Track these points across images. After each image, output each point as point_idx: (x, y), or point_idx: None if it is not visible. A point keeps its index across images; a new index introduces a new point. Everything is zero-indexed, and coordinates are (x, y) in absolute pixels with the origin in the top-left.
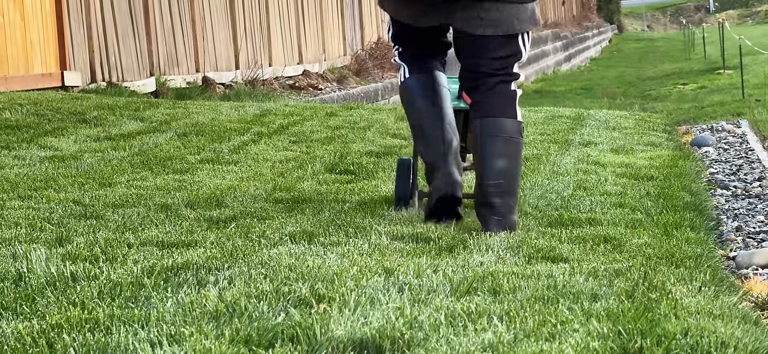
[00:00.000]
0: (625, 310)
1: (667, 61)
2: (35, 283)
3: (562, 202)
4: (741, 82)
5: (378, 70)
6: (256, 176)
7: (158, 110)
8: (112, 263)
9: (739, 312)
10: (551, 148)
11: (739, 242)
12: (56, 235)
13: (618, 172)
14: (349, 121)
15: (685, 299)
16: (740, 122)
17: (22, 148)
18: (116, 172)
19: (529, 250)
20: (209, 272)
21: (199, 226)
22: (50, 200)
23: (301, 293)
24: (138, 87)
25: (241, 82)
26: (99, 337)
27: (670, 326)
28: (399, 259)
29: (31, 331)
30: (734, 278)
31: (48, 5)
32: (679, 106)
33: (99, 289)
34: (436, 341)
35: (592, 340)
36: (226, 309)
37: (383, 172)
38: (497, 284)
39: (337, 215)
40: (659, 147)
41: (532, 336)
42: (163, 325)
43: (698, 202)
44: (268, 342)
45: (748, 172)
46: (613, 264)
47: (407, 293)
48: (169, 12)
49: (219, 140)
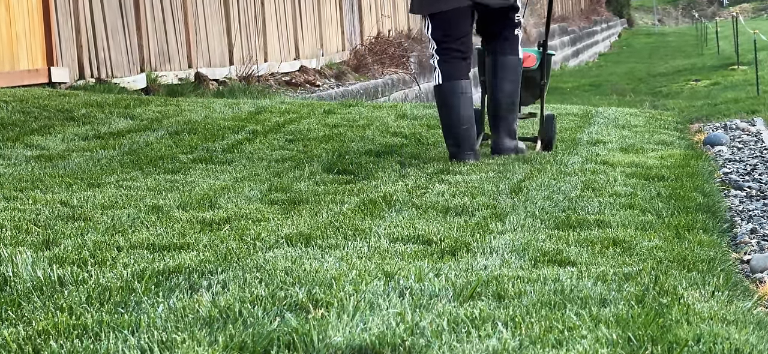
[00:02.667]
0: (635, 316)
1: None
2: (21, 288)
3: (569, 203)
4: (756, 79)
5: (378, 66)
6: (251, 176)
7: (149, 107)
8: (101, 267)
9: (753, 318)
10: (558, 147)
11: (753, 245)
12: (43, 237)
13: (628, 172)
14: (347, 119)
15: (697, 304)
16: (755, 120)
17: (8, 147)
18: (105, 172)
19: (535, 254)
20: (202, 276)
21: (192, 228)
22: (37, 201)
23: (297, 298)
24: (128, 83)
25: (235, 79)
26: (87, 343)
27: (681, 332)
28: (400, 263)
29: (17, 337)
30: (749, 283)
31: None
32: (691, 104)
33: (87, 293)
34: (439, 348)
35: (600, 346)
36: (219, 314)
37: (383, 172)
38: (502, 289)
39: (336, 217)
40: (671, 146)
41: (539, 342)
42: (154, 331)
43: (711, 203)
44: (264, 349)
45: (763, 172)
46: (623, 268)
47: (408, 298)
48: (161, 5)
49: (212, 139)
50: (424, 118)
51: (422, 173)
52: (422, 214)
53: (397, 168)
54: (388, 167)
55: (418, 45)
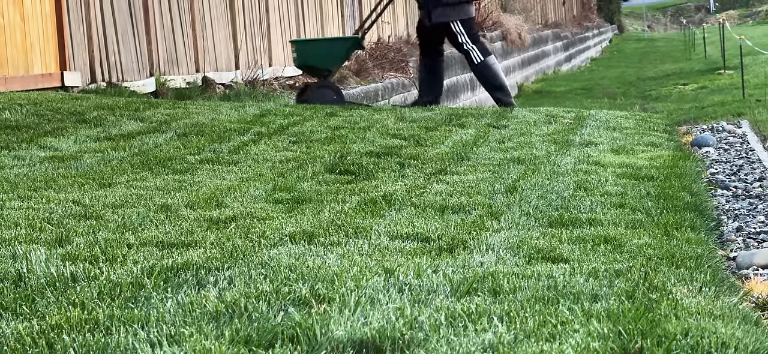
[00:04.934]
0: (625, 311)
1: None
2: (35, 284)
3: (562, 202)
4: (742, 82)
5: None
6: (256, 176)
7: (158, 110)
8: (111, 263)
9: (739, 312)
10: (551, 149)
11: (739, 243)
12: (56, 235)
13: (618, 173)
14: (349, 122)
15: (685, 300)
16: (741, 122)
17: (22, 149)
18: (116, 172)
19: (529, 251)
20: (209, 272)
21: (199, 227)
22: (50, 200)
23: (301, 293)
24: (138, 87)
25: (241, 83)
26: (99, 337)
27: (670, 327)
28: (399, 260)
29: (31, 331)
30: (735, 279)
31: (48, 6)
32: (679, 106)
33: (99, 289)
34: (437, 342)
35: (592, 340)
36: (226, 309)
37: (383, 172)
38: (497, 285)
39: (337, 215)
40: (660, 147)
41: (533, 336)
42: (163, 325)
43: (699, 202)
44: (268, 342)
45: (748, 172)
46: (614, 264)
47: (407, 294)
48: (169, 12)
49: (219, 140)
50: (422, 121)
51: (421, 173)
52: (421, 212)
53: (397, 168)
54: (388, 168)
55: (416, 50)
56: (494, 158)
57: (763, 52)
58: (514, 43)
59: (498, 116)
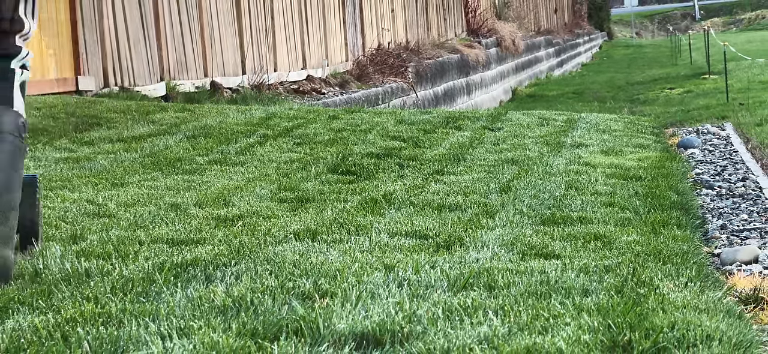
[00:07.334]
0: (614, 305)
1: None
2: (51, 279)
3: (554, 201)
4: (725, 87)
5: (378, 75)
6: (262, 177)
7: (168, 113)
8: (124, 260)
9: (723, 306)
10: (544, 150)
11: (723, 240)
12: (71, 232)
13: (608, 173)
14: (350, 124)
15: (672, 294)
16: (725, 125)
17: (38, 150)
18: (128, 172)
19: (522, 247)
20: (217, 268)
21: (208, 225)
22: (65, 199)
23: (304, 288)
24: (149, 91)
25: (247, 87)
26: (111, 330)
27: (657, 320)
28: (398, 256)
29: (47, 324)
30: (719, 274)
31: (63, 14)
32: (666, 110)
33: (111, 284)
34: (434, 334)
35: (583, 333)
36: (233, 303)
37: (383, 172)
38: (492, 280)
39: (339, 214)
40: (647, 149)
41: (526, 329)
42: (173, 318)
43: (685, 201)
44: (273, 335)
45: (732, 172)
46: (604, 260)
47: (406, 288)
48: (179, 20)
49: (226, 142)
50: (420, 123)
51: (419, 174)
52: (419, 211)
53: (396, 169)
54: (388, 168)
55: (415, 56)
56: (489, 159)
57: (746, 58)
58: (509, 49)
59: (493, 119)
